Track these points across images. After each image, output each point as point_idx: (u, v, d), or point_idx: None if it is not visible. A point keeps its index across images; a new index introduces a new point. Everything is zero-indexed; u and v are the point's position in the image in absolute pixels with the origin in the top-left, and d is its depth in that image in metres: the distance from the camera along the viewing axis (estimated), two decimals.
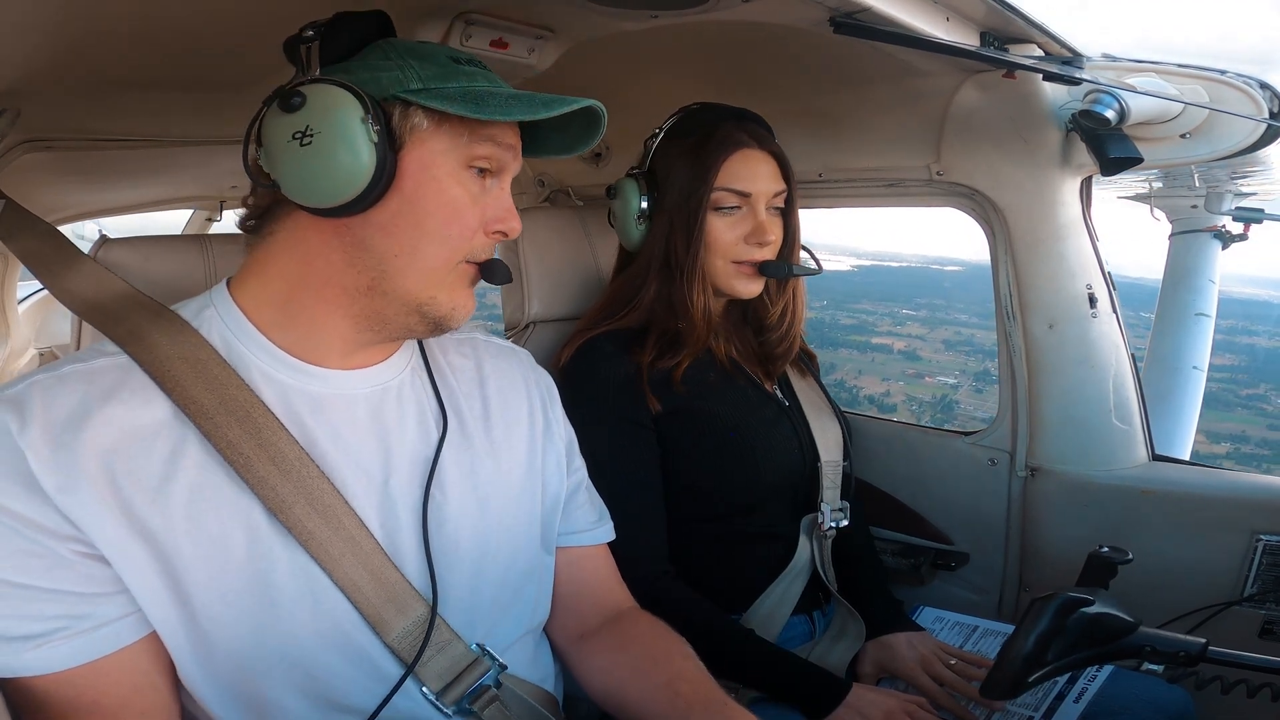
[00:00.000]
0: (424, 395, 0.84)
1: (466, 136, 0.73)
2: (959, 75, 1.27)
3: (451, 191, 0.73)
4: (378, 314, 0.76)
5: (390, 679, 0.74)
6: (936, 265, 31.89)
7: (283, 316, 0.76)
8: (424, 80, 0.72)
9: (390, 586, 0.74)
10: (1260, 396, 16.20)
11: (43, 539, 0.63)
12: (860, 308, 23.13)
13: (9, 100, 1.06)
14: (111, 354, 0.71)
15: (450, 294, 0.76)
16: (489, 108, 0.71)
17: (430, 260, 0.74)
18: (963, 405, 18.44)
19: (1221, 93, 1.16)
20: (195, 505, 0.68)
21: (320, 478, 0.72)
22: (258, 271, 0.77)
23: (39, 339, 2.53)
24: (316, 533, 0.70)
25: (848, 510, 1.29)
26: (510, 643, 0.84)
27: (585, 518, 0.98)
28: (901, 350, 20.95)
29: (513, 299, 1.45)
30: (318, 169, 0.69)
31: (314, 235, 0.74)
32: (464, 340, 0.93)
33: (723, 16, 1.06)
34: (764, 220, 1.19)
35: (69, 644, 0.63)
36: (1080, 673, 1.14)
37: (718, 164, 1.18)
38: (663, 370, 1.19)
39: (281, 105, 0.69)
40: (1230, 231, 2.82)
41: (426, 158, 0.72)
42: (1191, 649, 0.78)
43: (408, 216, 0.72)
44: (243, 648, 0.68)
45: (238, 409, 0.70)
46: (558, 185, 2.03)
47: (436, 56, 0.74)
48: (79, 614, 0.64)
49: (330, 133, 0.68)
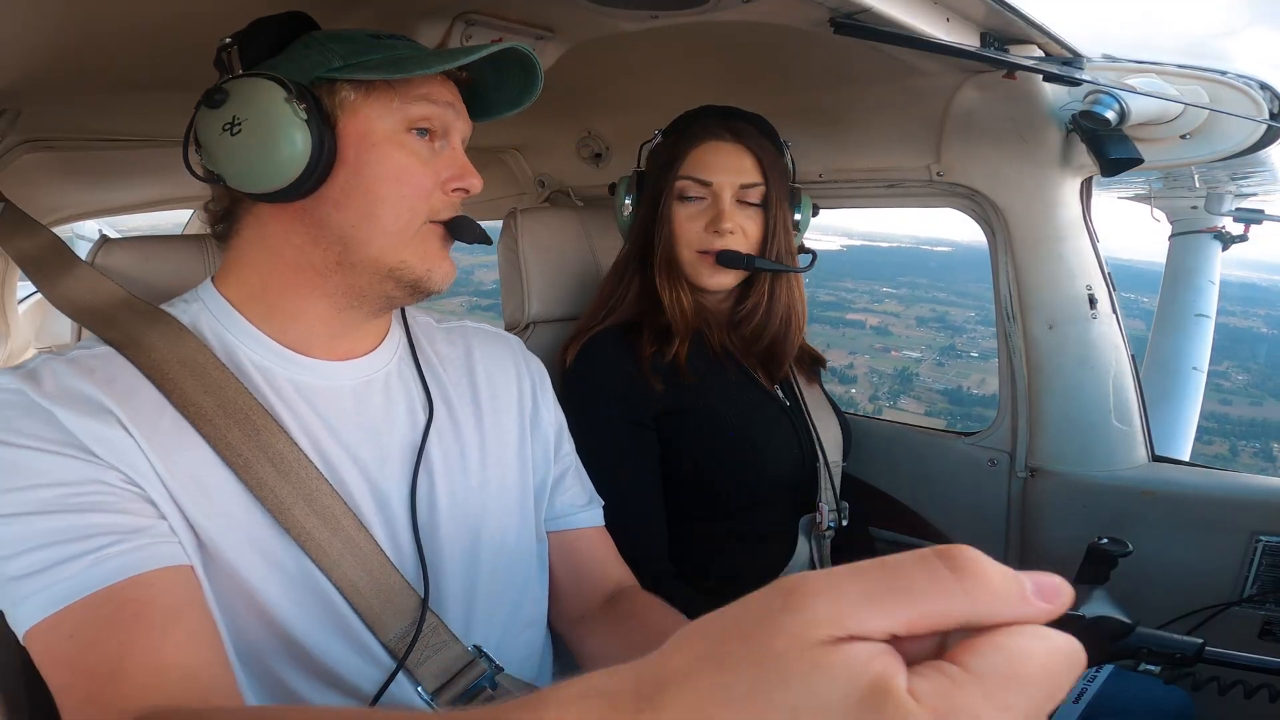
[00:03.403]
0: (412, 384, 0.84)
1: (398, 100, 0.74)
2: (959, 76, 1.27)
3: (395, 155, 0.74)
4: (352, 288, 0.76)
5: (389, 670, 0.74)
6: (926, 246, 31.93)
7: (263, 306, 0.77)
8: (344, 58, 0.73)
9: (388, 588, 0.74)
10: (1221, 373, 16.22)
11: (90, 467, 0.63)
12: (842, 285, 23.24)
13: (9, 100, 1.06)
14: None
15: (421, 255, 0.76)
16: (408, 67, 0.73)
17: (389, 224, 0.74)
18: (922, 378, 18.52)
19: (1221, 93, 1.16)
20: (205, 476, 0.69)
21: (319, 479, 0.72)
22: (233, 269, 0.78)
23: (39, 339, 2.53)
24: (315, 534, 0.71)
25: (846, 510, 1.29)
26: (509, 636, 0.85)
27: (574, 500, 0.98)
28: (874, 326, 21.08)
29: (513, 299, 1.45)
30: (253, 154, 0.70)
31: (275, 224, 0.75)
32: (453, 329, 0.94)
33: (723, 17, 1.06)
34: (724, 209, 1.19)
35: (120, 557, 0.62)
36: (1080, 673, 1.14)
37: (684, 154, 1.21)
38: (665, 361, 1.19)
39: (206, 103, 0.72)
40: (1230, 232, 2.82)
41: (362, 127, 0.74)
42: (1189, 649, 0.78)
43: (358, 185, 0.73)
44: (248, 618, 0.69)
45: (237, 411, 0.71)
46: (558, 185, 2.02)
47: (356, 36, 0.76)
48: (132, 528, 0.63)
49: (256, 118, 0.70)
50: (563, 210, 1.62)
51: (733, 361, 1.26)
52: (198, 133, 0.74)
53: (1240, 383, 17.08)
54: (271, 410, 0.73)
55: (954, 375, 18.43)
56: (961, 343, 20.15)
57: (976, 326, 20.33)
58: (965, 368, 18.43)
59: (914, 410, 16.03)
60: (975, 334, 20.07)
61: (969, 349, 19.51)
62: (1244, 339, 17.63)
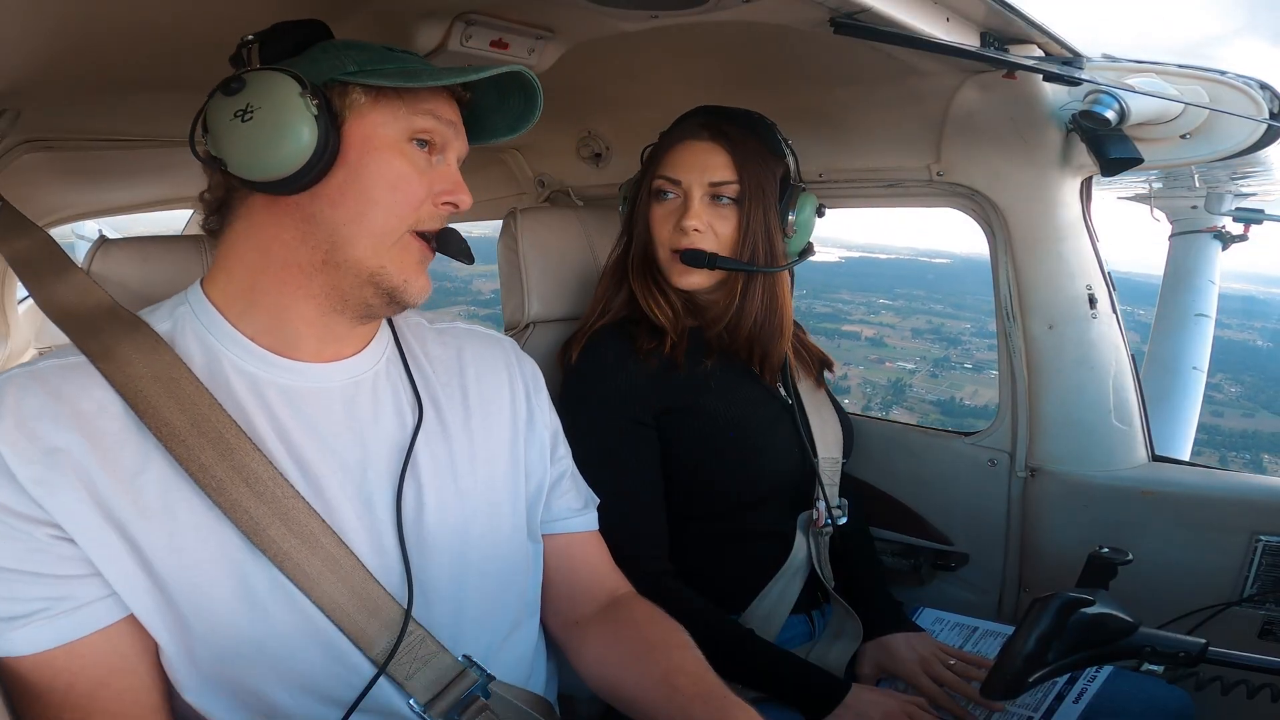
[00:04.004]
0: (400, 386, 0.84)
1: (404, 110, 0.77)
2: (959, 75, 1.27)
3: (395, 162, 0.76)
4: (335, 289, 0.77)
5: (366, 677, 0.74)
6: (925, 258, 32.02)
7: (250, 307, 0.77)
8: (359, 64, 0.76)
9: (371, 602, 0.74)
10: (1214, 385, 16.33)
11: (20, 524, 0.64)
12: (838, 297, 23.37)
13: (9, 100, 1.06)
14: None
15: (399, 266, 0.78)
16: (419, 78, 0.76)
17: (377, 226, 0.76)
18: (915, 389, 18.65)
19: (1221, 93, 1.16)
20: (168, 495, 0.69)
21: (295, 497, 0.72)
22: (223, 265, 0.79)
23: (39, 339, 2.53)
24: (293, 554, 0.71)
25: (845, 508, 1.29)
26: (501, 639, 0.84)
27: (570, 504, 0.98)
28: (870, 337, 21.24)
29: (513, 299, 1.45)
30: (261, 142, 0.71)
31: (267, 218, 0.76)
32: (445, 330, 0.94)
33: (723, 17, 1.06)
34: (691, 207, 1.18)
35: (51, 625, 0.65)
36: (1080, 673, 1.14)
37: (662, 154, 1.22)
38: (664, 359, 1.19)
39: (223, 90, 0.73)
40: (1230, 232, 2.82)
41: (368, 130, 0.76)
42: (1191, 649, 0.78)
43: (354, 185, 0.75)
44: (222, 637, 0.69)
45: (210, 430, 0.71)
46: (558, 185, 2.03)
47: (372, 47, 0.79)
48: (58, 595, 0.65)
49: (270, 107, 0.71)
50: (563, 210, 1.62)
51: (733, 360, 1.26)
52: (208, 118, 0.74)
53: (1233, 394, 17.14)
54: (249, 424, 0.73)
55: (947, 386, 18.55)
56: (956, 354, 20.28)
57: (972, 339, 20.43)
58: (959, 379, 18.53)
59: (906, 421, 16.05)
60: (970, 345, 20.16)
61: (963, 360, 19.60)
62: (1238, 351, 17.67)
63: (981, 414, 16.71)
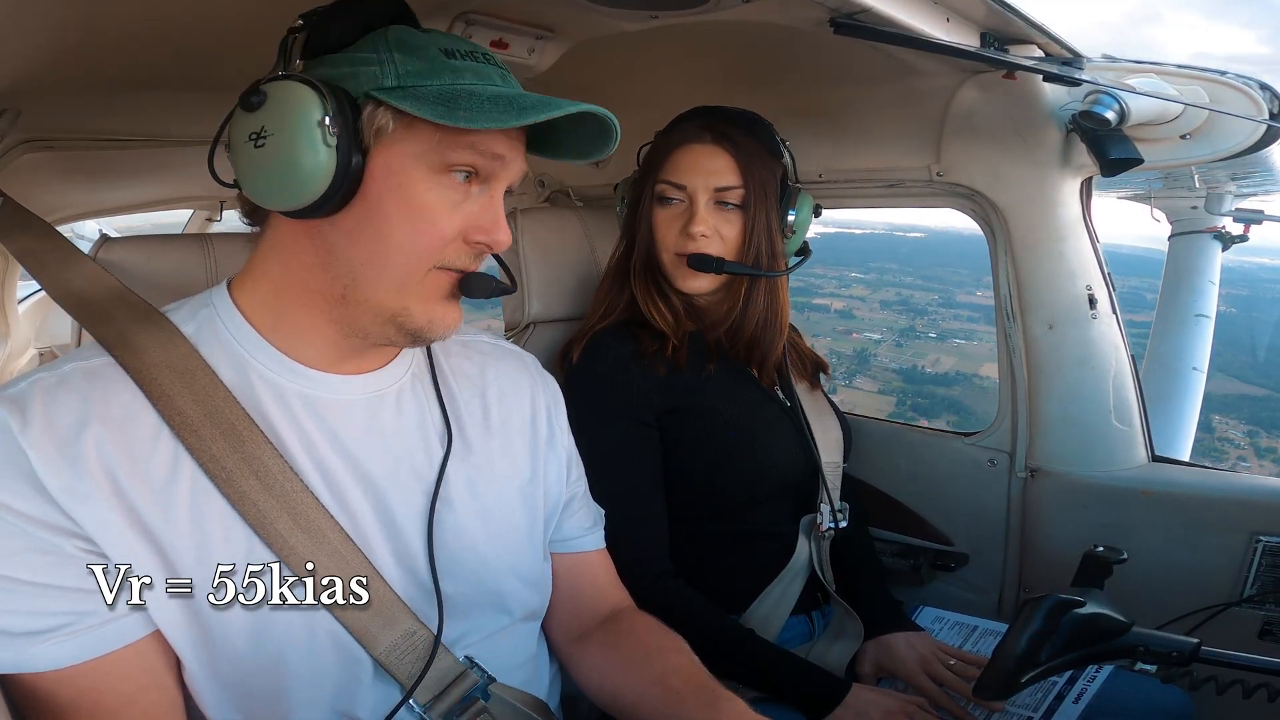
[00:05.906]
0: (425, 402, 0.83)
1: (438, 140, 0.68)
2: (959, 76, 1.27)
3: (422, 198, 0.69)
4: (354, 323, 0.74)
5: (382, 688, 0.74)
6: (899, 232, 32.05)
7: (274, 319, 0.75)
8: (400, 77, 0.68)
9: (377, 600, 0.73)
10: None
11: (48, 536, 0.62)
12: (811, 271, 23.40)
13: (9, 100, 1.06)
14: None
15: (425, 305, 0.73)
16: (460, 112, 0.65)
17: (399, 270, 0.71)
18: (879, 358, 18.69)
19: (1221, 93, 1.16)
20: (198, 506, 0.68)
21: (304, 492, 0.71)
22: (251, 273, 0.77)
23: (39, 339, 2.53)
24: (299, 549, 0.70)
25: (847, 511, 1.29)
26: (505, 644, 0.84)
27: (581, 523, 0.98)
28: (839, 310, 21.23)
29: (513, 299, 1.45)
30: (271, 172, 0.67)
31: (289, 237, 0.73)
32: (470, 343, 0.93)
33: (723, 17, 1.06)
34: (697, 213, 1.18)
35: (75, 640, 0.63)
36: (1080, 673, 1.14)
37: (664, 157, 1.21)
38: (666, 360, 1.19)
39: (242, 105, 0.67)
40: (1230, 232, 2.82)
41: (394, 162, 0.69)
42: (1184, 649, 0.78)
43: (371, 224, 0.69)
44: (243, 648, 0.68)
45: (223, 421, 0.69)
46: (558, 185, 2.02)
47: (427, 49, 0.69)
48: (84, 610, 0.63)
49: (283, 135, 0.65)
50: (563, 210, 1.62)
51: (732, 362, 1.26)
52: (231, 132, 0.70)
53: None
54: (274, 432, 0.72)
55: (911, 355, 18.65)
56: (922, 324, 20.37)
57: (938, 309, 20.49)
58: (923, 348, 18.62)
59: (868, 389, 16.30)
60: (936, 316, 20.22)
61: (928, 330, 19.68)
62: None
63: (941, 380, 16.74)
